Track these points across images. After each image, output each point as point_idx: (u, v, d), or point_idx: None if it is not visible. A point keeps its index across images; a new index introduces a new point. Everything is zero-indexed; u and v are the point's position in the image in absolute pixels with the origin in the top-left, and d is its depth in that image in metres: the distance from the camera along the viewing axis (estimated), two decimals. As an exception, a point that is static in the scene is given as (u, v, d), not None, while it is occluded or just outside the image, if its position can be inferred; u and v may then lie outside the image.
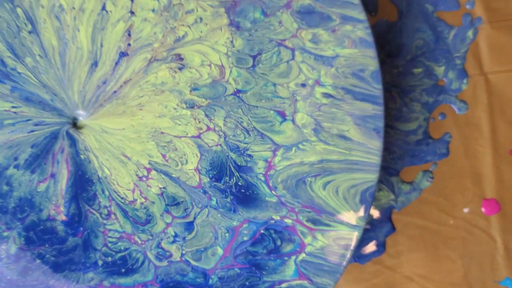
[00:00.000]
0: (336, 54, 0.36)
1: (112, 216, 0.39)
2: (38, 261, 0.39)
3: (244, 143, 0.38)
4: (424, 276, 0.43)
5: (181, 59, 0.37)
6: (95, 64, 0.37)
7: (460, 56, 0.41)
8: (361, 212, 0.37)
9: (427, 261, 0.43)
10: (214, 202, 0.38)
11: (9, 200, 0.38)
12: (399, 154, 0.42)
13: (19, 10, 0.36)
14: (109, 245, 0.39)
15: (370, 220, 0.43)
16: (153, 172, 0.39)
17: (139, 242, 0.39)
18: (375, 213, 0.43)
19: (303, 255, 0.38)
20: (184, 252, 0.39)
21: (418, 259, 0.43)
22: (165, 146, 0.38)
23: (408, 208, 0.43)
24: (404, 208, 0.43)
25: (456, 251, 0.43)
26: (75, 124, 0.39)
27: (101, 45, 0.37)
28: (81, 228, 0.39)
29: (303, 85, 0.37)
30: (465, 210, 0.42)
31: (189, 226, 0.39)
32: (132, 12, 0.36)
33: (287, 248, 0.38)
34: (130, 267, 0.40)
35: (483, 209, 0.42)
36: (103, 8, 0.36)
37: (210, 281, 0.39)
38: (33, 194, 0.39)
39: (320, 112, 0.37)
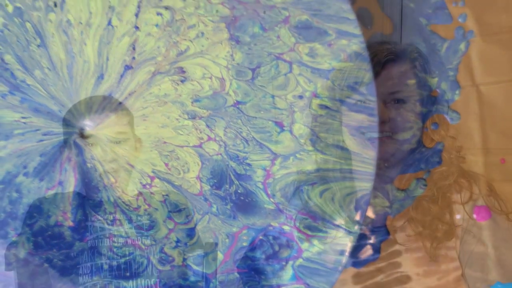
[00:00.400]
0: (332, 67, 0.37)
1: (117, 222, 0.40)
2: (46, 265, 0.41)
3: (244, 153, 0.39)
4: (418, 279, 0.44)
5: (183, 72, 0.38)
6: (101, 76, 0.38)
7: (453, 68, 0.43)
8: (356, 219, 0.38)
9: (421, 264, 0.44)
10: (214, 209, 0.40)
11: (18, 207, 0.40)
12: (394, 163, 0.43)
13: (28, 25, 0.37)
14: (114, 250, 0.41)
15: (366, 226, 0.44)
16: (156, 180, 0.40)
17: (143, 247, 0.41)
18: (370, 216, 0.44)
19: (300, 260, 0.39)
20: (186, 257, 0.41)
21: (412, 263, 0.44)
22: (168, 155, 0.40)
23: (403, 214, 0.44)
24: (399, 214, 0.44)
25: (449, 256, 0.44)
26: (82, 134, 0.40)
27: (107, 59, 0.38)
28: (88, 234, 0.41)
29: (300, 97, 0.38)
30: (457, 216, 0.43)
31: (191, 232, 0.40)
32: (136, 27, 0.38)
33: (285, 253, 0.40)
34: (134, 271, 0.41)
35: (474, 216, 0.43)
36: (109, 23, 0.37)
37: (211, 285, 0.40)
38: (42, 201, 0.40)
39: (316, 123, 0.38)
